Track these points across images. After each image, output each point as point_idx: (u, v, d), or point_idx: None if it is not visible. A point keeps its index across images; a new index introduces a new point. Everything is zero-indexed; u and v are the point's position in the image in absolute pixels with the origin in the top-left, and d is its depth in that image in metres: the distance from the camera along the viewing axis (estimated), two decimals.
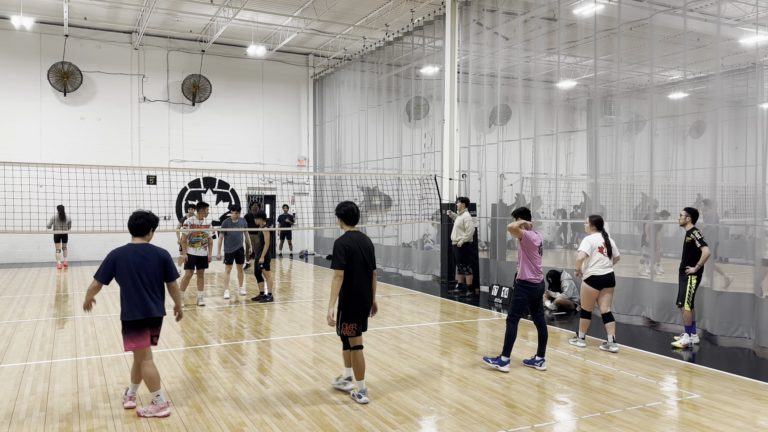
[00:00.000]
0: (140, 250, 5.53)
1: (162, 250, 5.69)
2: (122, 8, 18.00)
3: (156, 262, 5.55)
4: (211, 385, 6.46)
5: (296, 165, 22.97)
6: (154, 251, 5.59)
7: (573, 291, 11.16)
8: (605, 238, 8.14)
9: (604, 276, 8.04)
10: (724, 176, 17.97)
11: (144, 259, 5.48)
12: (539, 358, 7.19)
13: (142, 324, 5.49)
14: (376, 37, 19.16)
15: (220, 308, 11.20)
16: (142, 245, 5.59)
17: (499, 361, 7.05)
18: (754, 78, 17.64)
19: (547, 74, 19.58)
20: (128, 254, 5.47)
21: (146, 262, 5.48)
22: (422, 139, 18.11)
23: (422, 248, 17.13)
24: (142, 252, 5.52)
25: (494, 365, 7.04)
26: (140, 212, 5.70)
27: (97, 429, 5.20)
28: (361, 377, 5.89)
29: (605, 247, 8.06)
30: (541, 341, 7.21)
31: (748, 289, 8.76)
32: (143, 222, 5.61)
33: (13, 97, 18.80)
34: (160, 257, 5.61)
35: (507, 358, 7.02)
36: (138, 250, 5.53)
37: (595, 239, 8.12)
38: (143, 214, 5.66)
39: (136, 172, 18.89)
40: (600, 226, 8.24)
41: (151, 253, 5.56)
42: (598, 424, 5.35)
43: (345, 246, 5.73)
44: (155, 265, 5.54)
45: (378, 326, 9.57)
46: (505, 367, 6.98)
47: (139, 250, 5.52)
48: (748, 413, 5.67)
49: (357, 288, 5.78)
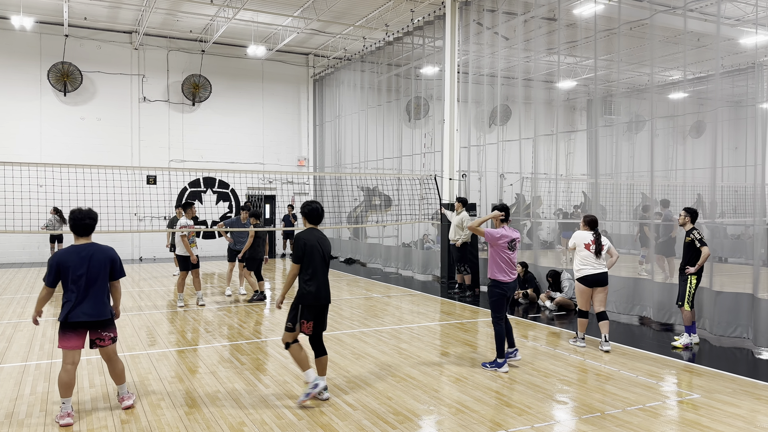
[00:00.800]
0: (84, 250, 5.35)
1: (111, 250, 5.52)
2: (122, 8, 18.00)
3: (102, 261, 5.37)
4: (211, 384, 6.46)
5: (296, 165, 22.97)
6: (100, 251, 5.41)
7: (573, 291, 11.16)
8: (595, 236, 8.17)
9: (595, 275, 8.06)
10: (723, 176, 17.98)
11: (87, 259, 5.30)
12: (511, 350, 7.38)
13: (79, 326, 5.32)
14: (376, 37, 19.17)
15: (221, 308, 11.20)
16: (86, 245, 5.41)
17: (496, 364, 7.09)
18: (754, 78, 17.64)
19: (547, 74, 19.58)
20: (72, 256, 5.30)
21: (90, 263, 5.30)
22: (422, 139, 18.11)
23: (422, 248, 17.13)
24: (85, 253, 5.33)
25: (492, 369, 7.07)
26: (85, 212, 5.49)
27: (96, 429, 5.21)
28: (305, 368, 5.79)
29: (592, 245, 8.09)
30: (508, 333, 7.36)
31: (748, 289, 8.76)
32: (91, 222, 5.46)
33: (13, 97, 18.80)
34: (108, 256, 5.43)
35: (502, 359, 7.07)
36: (81, 251, 5.35)
37: (582, 235, 8.21)
38: (91, 214, 5.51)
39: (136, 172, 18.89)
40: (593, 227, 8.27)
41: (97, 253, 5.37)
42: (598, 424, 5.35)
43: (304, 240, 5.73)
44: (101, 265, 5.36)
45: (378, 326, 9.58)
46: (504, 367, 7.01)
47: (82, 251, 5.34)
48: (747, 413, 5.67)
49: (317, 285, 5.74)
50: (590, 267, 8.06)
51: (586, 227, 8.28)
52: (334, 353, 7.81)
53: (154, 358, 7.59)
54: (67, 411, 5.31)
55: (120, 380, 5.71)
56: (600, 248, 8.11)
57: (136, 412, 5.62)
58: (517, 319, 10.40)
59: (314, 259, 5.76)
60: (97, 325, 5.42)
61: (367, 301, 12.11)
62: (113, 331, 5.57)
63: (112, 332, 5.56)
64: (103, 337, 5.49)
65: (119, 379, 5.70)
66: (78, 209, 5.51)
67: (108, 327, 5.51)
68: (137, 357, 7.61)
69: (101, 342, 5.49)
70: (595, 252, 8.07)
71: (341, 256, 20.72)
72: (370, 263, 18.84)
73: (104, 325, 5.47)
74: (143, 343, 8.37)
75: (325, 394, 5.97)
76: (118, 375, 5.69)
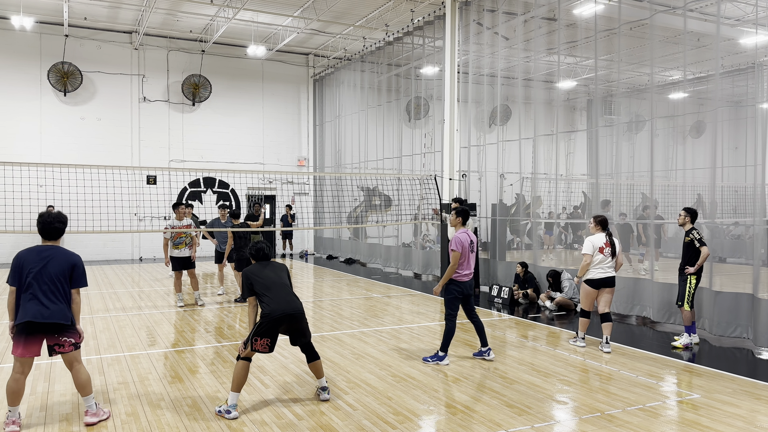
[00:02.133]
0: (45, 251, 5.17)
1: (74, 255, 5.28)
2: (122, 8, 18.00)
3: (61, 264, 5.14)
4: (210, 384, 6.46)
5: (296, 165, 22.97)
6: (63, 254, 5.20)
7: (573, 291, 11.17)
8: (609, 237, 8.11)
9: (604, 278, 8.01)
10: (723, 176, 17.99)
11: (45, 260, 5.11)
12: (485, 348, 7.52)
13: (34, 329, 5.05)
14: (376, 37, 19.17)
15: (220, 308, 11.20)
16: (48, 247, 5.23)
17: (437, 357, 7.29)
18: (754, 78, 17.64)
19: (547, 74, 19.58)
20: (32, 255, 5.14)
21: (47, 264, 5.10)
22: (422, 139, 18.12)
23: (422, 248, 17.13)
24: (46, 254, 5.15)
25: (434, 362, 7.25)
26: (55, 215, 5.31)
27: (97, 429, 5.21)
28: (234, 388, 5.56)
29: (606, 247, 8.02)
30: (480, 332, 7.54)
31: (748, 289, 8.76)
32: (60, 226, 5.29)
33: (13, 97, 18.80)
34: (69, 261, 5.18)
35: (444, 353, 7.29)
36: (43, 251, 5.17)
37: (597, 239, 8.08)
38: (61, 218, 5.33)
39: (136, 172, 18.89)
40: (605, 226, 8.19)
41: (59, 256, 5.16)
42: (598, 424, 5.35)
43: (247, 275, 5.77)
44: (59, 267, 5.12)
45: (378, 326, 9.58)
46: (445, 360, 7.24)
47: (44, 252, 5.17)
48: (747, 413, 5.67)
49: (273, 304, 5.60)
50: (601, 270, 7.99)
51: (598, 227, 8.15)
52: (334, 353, 7.81)
53: (154, 358, 7.59)
54: (13, 419, 5.12)
55: (84, 391, 5.28)
56: (614, 249, 8.05)
57: (136, 411, 5.62)
58: (517, 319, 10.41)
59: (266, 282, 5.72)
60: (52, 328, 5.08)
61: (367, 301, 12.12)
62: (75, 337, 5.22)
63: (74, 338, 5.21)
64: (62, 342, 5.15)
65: (83, 390, 5.27)
66: (47, 212, 5.33)
67: (67, 332, 5.16)
68: (137, 357, 7.61)
69: (60, 348, 5.15)
70: (610, 254, 8.02)
71: (341, 256, 20.72)
72: (370, 263, 18.84)
73: (61, 329, 5.12)
74: (143, 343, 8.37)
75: (324, 395, 5.95)
76: (82, 385, 5.26)
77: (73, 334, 5.21)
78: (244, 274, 5.83)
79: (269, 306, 5.60)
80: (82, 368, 5.28)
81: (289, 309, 5.65)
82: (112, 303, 11.60)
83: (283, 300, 5.67)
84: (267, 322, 5.55)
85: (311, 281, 15.64)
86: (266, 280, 5.74)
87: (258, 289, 5.71)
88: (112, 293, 12.80)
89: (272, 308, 5.58)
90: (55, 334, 5.12)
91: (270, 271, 5.85)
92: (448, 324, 7.31)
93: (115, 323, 9.68)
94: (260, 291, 5.69)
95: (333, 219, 20.62)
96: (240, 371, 5.55)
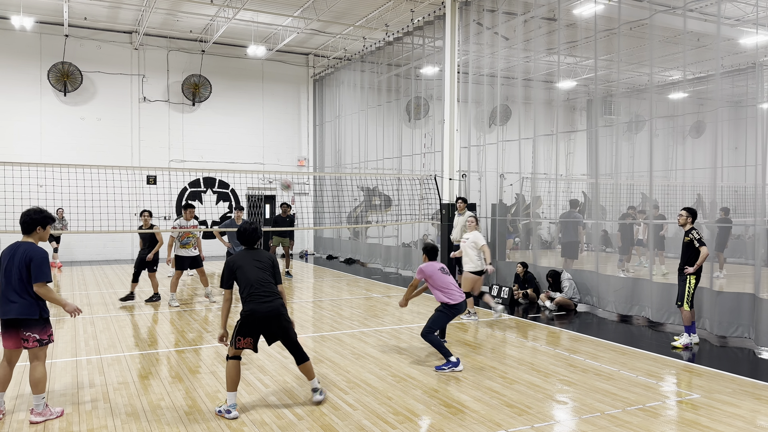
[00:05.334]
0: (14, 248, 5.33)
1: (33, 250, 5.28)
2: (122, 8, 18.00)
3: (20, 259, 5.21)
4: (211, 384, 6.47)
5: (296, 165, 22.97)
6: (23, 249, 5.26)
7: (573, 291, 11.17)
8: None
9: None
10: (724, 176, 17.98)
11: (11, 256, 5.27)
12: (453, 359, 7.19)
13: (4, 324, 5.24)
14: (376, 37, 19.17)
15: (220, 308, 11.19)
16: (18, 243, 5.35)
17: (452, 364, 7.01)
18: (754, 78, 17.65)
19: (547, 74, 19.57)
20: (6, 251, 5.33)
21: (11, 259, 5.25)
22: (422, 139, 18.11)
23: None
24: (15, 249, 5.30)
25: (450, 369, 6.98)
26: (27, 210, 5.43)
27: (97, 429, 5.21)
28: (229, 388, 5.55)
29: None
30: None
31: (748, 289, 8.76)
32: (26, 219, 5.37)
33: (13, 97, 18.80)
34: (26, 255, 5.22)
35: (451, 356, 7.05)
36: (14, 247, 5.33)
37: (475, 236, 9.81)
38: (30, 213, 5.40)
39: (136, 172, 18.88)
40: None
41: (20, 251, 5.25)
42: (598, 424, 5.35)
43: (229, 264, 5.67)
44: (19, 262, 5.20)
45: (378, 326, 9.58)
46: (459, 366, 7.00)
47: (14, 247, 5.33)
48: (747, 413, 5.67)
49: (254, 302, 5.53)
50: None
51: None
52: (334, 353, 7.81)
53: (154, 358, 7.59)
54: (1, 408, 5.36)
55: (35, 389, 5.30)
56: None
57: (136, 412, 5.62)
58: (517, 319, 10.41)
59: (248, 277, 5.59)
60: (15, 324, 5.21)
61: (367, 301, 12.12)
62: (39, 333, 5.26)
63: (37, 333, 5.25)
64: (26, 337, 5.23)
65: (34, 388, 5.30)
66: (30, 208, 5.45)
67: (29, 327, 5.23)
68: (137, 357, 7.61)
69: (25, 343, 5.24)
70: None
71: (341, 256, 20.72)
72: (370, 263, 18.84)
73: (24, 324, 5.21)
74: (143, 343, 8.37)
75: (316, 396, 5.84)
76: (34, 383, 5.28)
77: (36, 330, 5.26)
78: (227, 262, 5.70)
79: (249, 305, 5.55)
80: (39, 366, 5.32)
81: (266, 310, 5.54)
82: (112, 303, 11.60)
83: (262, 300, 5.55)
84: (249, 322, 5.54)
85: (311, 281, 15.64)
86: (250, 275, 5.60)
87: (240, 283, 5.62)
88: (112, 293, 12.79)
89: (252, 308, 5.53)
90: (20, 328, 5.23)
91: (255, 264, 5.66)
92: (430, 338, 7.16)
93: (115, 323, 9.69)
94: (241, 286, 5.61)
95: (333, 219, 20.62)
96: (231, 370, 5.54)
